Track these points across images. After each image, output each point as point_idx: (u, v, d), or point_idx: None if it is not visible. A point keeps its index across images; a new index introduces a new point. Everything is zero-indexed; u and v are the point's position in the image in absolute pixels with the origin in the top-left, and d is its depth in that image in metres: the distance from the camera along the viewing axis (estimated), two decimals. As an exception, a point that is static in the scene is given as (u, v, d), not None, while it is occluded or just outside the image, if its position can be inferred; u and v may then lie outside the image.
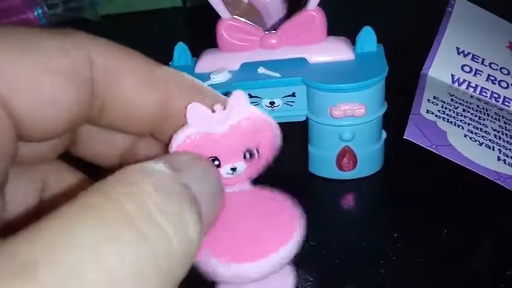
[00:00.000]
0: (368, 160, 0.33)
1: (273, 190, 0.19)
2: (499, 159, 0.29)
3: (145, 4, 0.62)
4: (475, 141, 0.30)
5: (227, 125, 0.17)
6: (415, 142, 0.28)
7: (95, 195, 0.12)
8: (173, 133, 0.17)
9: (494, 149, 0.30)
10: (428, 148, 0.28)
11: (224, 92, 0.18)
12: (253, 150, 0.17)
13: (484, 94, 0.35)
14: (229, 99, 0.16)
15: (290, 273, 0.20)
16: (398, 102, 0.31)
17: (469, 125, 0.31)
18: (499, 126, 0.32)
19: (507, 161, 0.29)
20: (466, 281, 0.26)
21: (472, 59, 0.36)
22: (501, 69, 0.36)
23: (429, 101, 0.32)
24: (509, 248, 0.28)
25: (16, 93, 0.13)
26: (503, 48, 0.37)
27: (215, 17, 0.31)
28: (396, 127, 0.30)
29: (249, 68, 0.32)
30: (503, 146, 0.30)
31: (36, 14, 0.53)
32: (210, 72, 0.32)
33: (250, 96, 0.32)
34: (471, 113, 0.32)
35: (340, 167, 0.33)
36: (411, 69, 0.36)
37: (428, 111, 0.31)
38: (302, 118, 0.32)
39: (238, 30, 0.32)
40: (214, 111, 0.16)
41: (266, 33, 0.32)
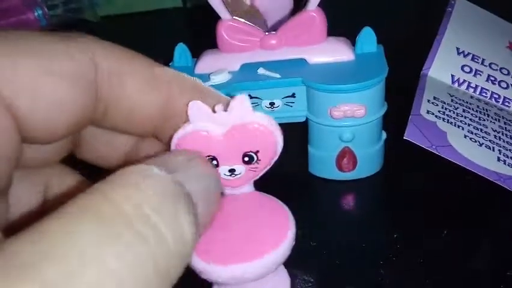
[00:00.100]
0: (368, 161, 0.33)
1: (264, 194, 0.19)
2: (499, 159, 0.29)
3: (145, 5, 0.62)
4: (475, 142, 0.30)
5: (227, 127, 0.17)
6: (415, 143, 0.28)
7: (94, 196, 0.12)
8: (171, 136, 0.17)
9: (494, 150, 0.30)
10: (428, 149, 0.28)
11: (224, 93, 0.18)
12: (253, 154, 0.17)
13: (484, 94, 0.35)
14: (231, 102, 0.16)
15: (285, 274, 0.20)
16: (398, 102, 0.31)
17: (469, 125, 0.31)
18: (499, 126, 0.32)
19: (507, 162, 0.29)
20: (466, 281, 0.26)
21: (472, 59, 0.36)
22: (501, 70, 0.36)
23: (429, 101, 0.32)
24: (509, 249, 0.28)
25: (20, 96, 0.14)
26: (503, 49, 0.37)
27: (215, 17, 0.31)
28: (396, 128, 0.30)
29: (249, 68, 0.32)
30: (503, 146, 0.30)
31: (36, 14, 0.53)
32: (210, 73, 0.32)
33: (250, 97, 0.32)
34: (471, 114, 0.32)
35: (340, 167, 0.33)
36: (411, 70, 0.36)
37: (428, 112, 0.31)
38: (302, 119, 0.32)
39: (238, 31, 0.32)
40: (215, 111, 0.16)
41: (266, 34, 0.32)
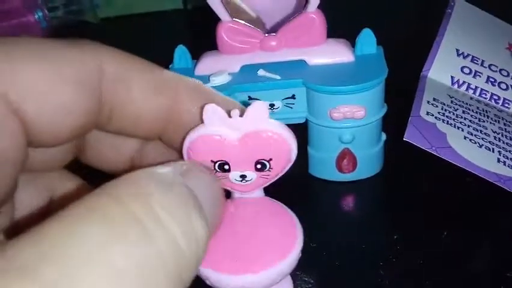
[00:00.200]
0: (368, 162, 0.33)
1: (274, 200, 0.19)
2: (498, 161, 0.29)
3: (145, 6, 0.62)
4: (475, 143, 0.30)
5: (242, 133, 0.16)
6: (415, 144, 0.28)
7: (101, 196, 0.12)
8: (181, 137, 0.17)
9: (494, 151, 0.30)
10: (427, 150, 0.28)
11: (224, 95, 0.18)
12: (265, 162, 0.17)
13: (484, 96, 0.35)
14: (248, 108, 0.16)
15: (289, 280, 0.20)
16: (398, 104, 0.32)
17: (468, 126, 0.31)
18: (499, 128, 0.32)
19: (507, 163, 0.29)
20: (466, 282, 0.26)
21: (472, 61, 0.36)
22: (501, 71, 0.36)
23: (429, 102, 0.32)
24: (509, 250, 0.28)
25: (28, 101, 0.14)
26: (503, 50, 0.37)
27: (215, 19, 0.31)
28: (396, 129, 0.30)
29: (249, 70, 0.32)
30: (503, 147, 0.30)
31: (36, 16, 0.53)
32: (210, 75, 0.32)
33: (250, 98, 0.32)
34: (471, 115, 0.32)
35: (340, 169, 0.33)
36: (411, 71, 0.36)
37: (427, 113, 0.31)
38: (302, 120, 0.32)
39: (238, 33, 0.32)
40: (230, 116, 0.16)
41: (266, 35, 0.32)
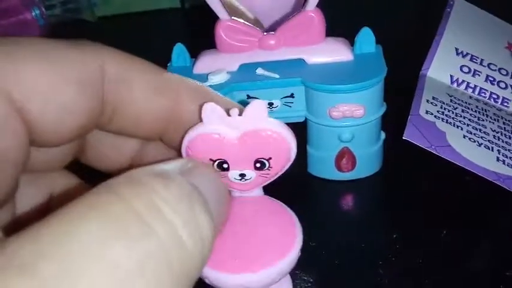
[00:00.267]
0: (367, 161, 0.33)
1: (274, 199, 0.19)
2: (498, 159, 0.29)
3: (143, 5, 0.62)
4: (474, 142, 0.30)
5: (241, 132, 0.16)
6: (414, 143, 0.28)
7: (101, 193, 0.12)
8: (183, 137, 0.17)
9: (493, 150, 0.30)
10: (427, 149, 0.28)
11: (223, 93, 0.18)
12: (265, 161, 0.17)
13: (483, 95, 0.35)
14: (247, 108, 0.16)
15: (288, 279, 0.20)
16: (397, 103, 0.31)
17: (468, 125, 0.31)
18: (498, 126, 0.32)
19: (506, 162, 0.29)
20: (466, 281, 0.26)
21: (471, 60, 0.36)
22: (500, 70, 0.36)
23: (428, 101, 0.32)
24: (508, 249, 0.28)
25: (32, 100, 0.14)
26: (502, 49, 0.37)
27: (213, 17, 0.31)
28: (395, 128, 0.30)
29: (247, 69, 0.32)
30: (502, 146, 0.30)
31: (34, 14, 0.53)
32: (208, 73, 0.32)
33: (249, 97, 0.32)
34: (470, 114, 0.32)
35: (339, 168, 0.33)
36: (410, 70, 0.36)
37: (427, 112, 0.31)
38: (301, 119, 0.32)
39: (236, 31, 0.31)
40: (229, 115, 0.16)
41: (265, 34, 0.32)
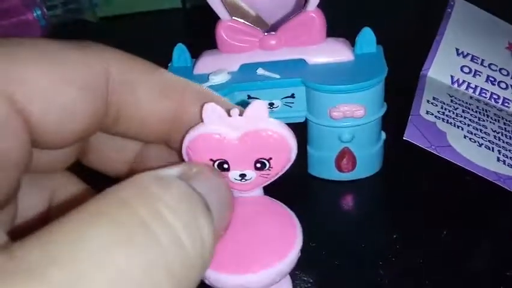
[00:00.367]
0: (368, 161, 0.33)
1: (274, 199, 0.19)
2: (498, 160, 0.29)
3: (144, 5, 0.62)
4: (475, 142, 0.30)
5: (241, 132, 0.16)
6: (415, 143, 0.28)
7: (109, 199, 0.12)
8: (183, 137, 0.17)
9: (493, 150, 0.30)
10: (427, 149, 0.28)
11: (224, 93, 0.18)
12: (265, 161, 0.17)
13: (484, 95, 0.35)
14: (248, 108, 0.16)
15: (288, 279, 0.20)
16: (398, 103, 0.31)
17: (468, 125, 0.31)
18: (499, 127, 0.32)
19: (507, 162, 0.29)
20: (466, 281, 0.26)
21: (472, 60, 0.36)
22: (500, 70, 0.36)
23: (428, 101, 0.32)
24: (508, 249, 0.28)
25: (34, 101, 0.14)
26: (503, 49, 0.37)
27: (214, 18, 0.31)
28: (395, 128, 0.30)
29: (248, 69, 0.32)
30: (503, 146, 0.30)
31: (35, 15, 0.53)
32: (209, 73, 0.32)
33: (249, 97, 0.32)
34: (470, 114, 0.32)
35: (339, 168, 0.33)
36: (410, 70, 0.36)
37: (427, 112, 0.31)
38: (301, 119, 0.32)
39: (237, 32, 0.32)
40: (230, 115, 0.16)
41: (265, 34, 0.32)
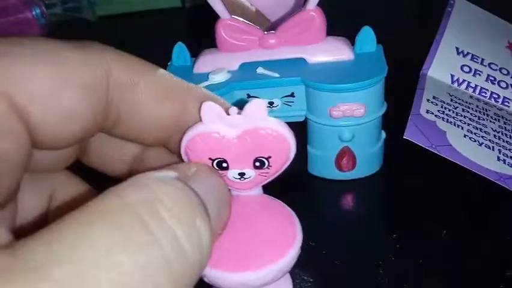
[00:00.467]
0: (368, 160, 0.33)
1: (274, 198, 0.19)
2: (498, 159, 0.29)
3: (143, 4, 0.62)
4: (475, 142, 0.30)
5: (240, 130, 0.16)
6: (415, 142, 0.28)
7: (110, 200, 0.12)
8: (182, 136, 0.17)
9: (493, 149, 0.30)
10: (427, 148, 0.28)
11: (223, 92, 0.18)
12: (264, 159, 0.17)
13: (484, 94, 0.35)
14: (246, 106, 0.16)
15: (288, 277, 0.20)
16: (398, 102, 0.31)
17: (468, 125, 0.31)
18: (499, 126, 0.32)
19: (507, 161, 0.29)
20: (466, 281, 0.26)
21: (472, 59, 0.36)
22: (500, 70, 0.36)
23: (428, 101, 0.32)
24: (508, 249, 0.27)
25: (34, 102, 0.14)
26: (503, 49, 0.37)
27: (214, 17, 0.31)
28: (395, 127, 0.30)
29: (248, 68, 0.32)
30: (503, 146, 0.30)
31: (34, 13, 0.53)
32: (209, 72, 0.31)
33: (249, 96, 0.32)
34: (471, 113, 0.32)
35: (339, 167, 0.33)
36: (410, 70, 0.36)
37: (427, 111, 0.31)
38: (301, 118, 0.32)
39: (237, 30, 0.31)
40: (229, 114, 0.16)
41: (265, 33, 0.32)
